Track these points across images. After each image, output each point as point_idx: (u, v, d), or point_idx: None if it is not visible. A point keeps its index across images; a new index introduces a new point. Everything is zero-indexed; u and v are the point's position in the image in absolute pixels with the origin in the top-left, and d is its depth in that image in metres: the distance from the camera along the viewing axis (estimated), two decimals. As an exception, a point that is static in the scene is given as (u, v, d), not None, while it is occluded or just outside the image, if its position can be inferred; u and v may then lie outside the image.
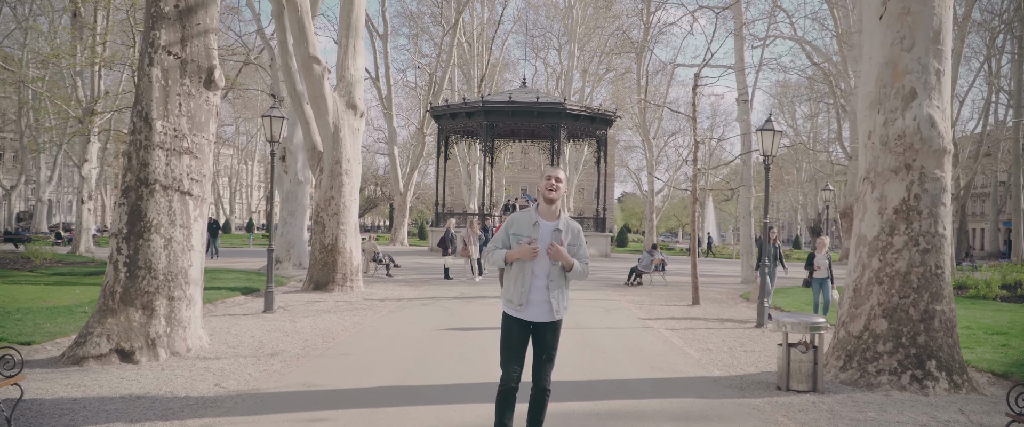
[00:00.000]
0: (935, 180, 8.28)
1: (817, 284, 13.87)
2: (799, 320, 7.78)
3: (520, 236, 5.20)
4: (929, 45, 8.35)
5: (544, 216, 5.27)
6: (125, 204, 8.79)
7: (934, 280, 8.17)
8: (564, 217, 5.33)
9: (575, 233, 5.32)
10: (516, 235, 5.22)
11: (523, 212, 5.31)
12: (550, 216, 5.28)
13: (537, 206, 5.32)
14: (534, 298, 5.18)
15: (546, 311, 5.21)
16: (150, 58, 8.96)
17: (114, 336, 8.33)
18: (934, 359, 7.94)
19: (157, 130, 8.85)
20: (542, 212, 5.28)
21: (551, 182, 5.22)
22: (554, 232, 5.21)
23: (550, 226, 5.23)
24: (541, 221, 5.23)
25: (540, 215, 5.26)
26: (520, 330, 5.24)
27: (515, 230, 5.24)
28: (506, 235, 5.28)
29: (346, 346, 9.94)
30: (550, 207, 5.26)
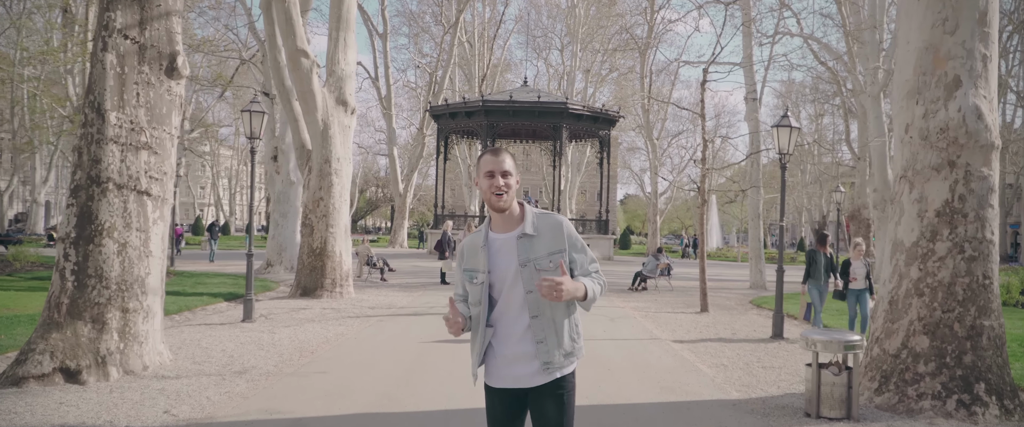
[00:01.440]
0: (982, 179, 7.35)
1: (853, 296, 12.09)
2: (831, 338, 6.84)
3: (473, 272, 3.49)
4: (975, 27, 7.43)
5: (497, 228, 3.50)
6: (74, 205, 7.87)
7: (982, 292, 7.23)
8: (532, 214, 3.51)
9: (554, 230, 3.47)
10: (469, 271, 3.52)
11: (475, 234, 3.58)
12: (507, 225, 3.48)
13: (489, 220, 3.56)
14: (510, 351, 3.42)
15: (535, 369, 3.39)
16: (104, 42, 8.06)
17: (58, 353, 7.42)
18: (983, 381, 7.00)
19: (111, 122, 7.94)
20: (494, 224, 3.52)
21: (495, 182, 3.41)
22: (521, 239, 3.42)
23: (508, 238, 3.45)
24: (492, 236, 3.49)
25: (491, 229, 3.52)
26: (502, 405, 3.49)
27: (467, 265, 3.54)
28: (460, 271, 3.61)
29: (324, 362, 9.01)
30: (502, 216, 3.48)
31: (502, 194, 3.39)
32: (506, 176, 3.40)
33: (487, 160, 3.42)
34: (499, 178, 3.38)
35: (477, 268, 3.45)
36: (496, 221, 3.49)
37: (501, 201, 3.39)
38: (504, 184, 3.39)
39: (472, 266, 3.49)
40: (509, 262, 3.41)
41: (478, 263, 3.45)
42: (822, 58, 37.58)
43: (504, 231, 3.46)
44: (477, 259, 3.46)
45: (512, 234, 3.44)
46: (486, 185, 3.40)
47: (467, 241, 3.58)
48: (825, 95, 49.88)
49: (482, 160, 3.41)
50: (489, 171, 3.40)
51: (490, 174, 3.40)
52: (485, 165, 3.41)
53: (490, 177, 3.39)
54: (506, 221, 3.46)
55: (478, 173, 3.45)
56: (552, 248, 3.41)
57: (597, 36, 49.92)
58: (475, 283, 3.44)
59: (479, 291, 3.42)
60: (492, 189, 3.39)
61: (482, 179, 3.42)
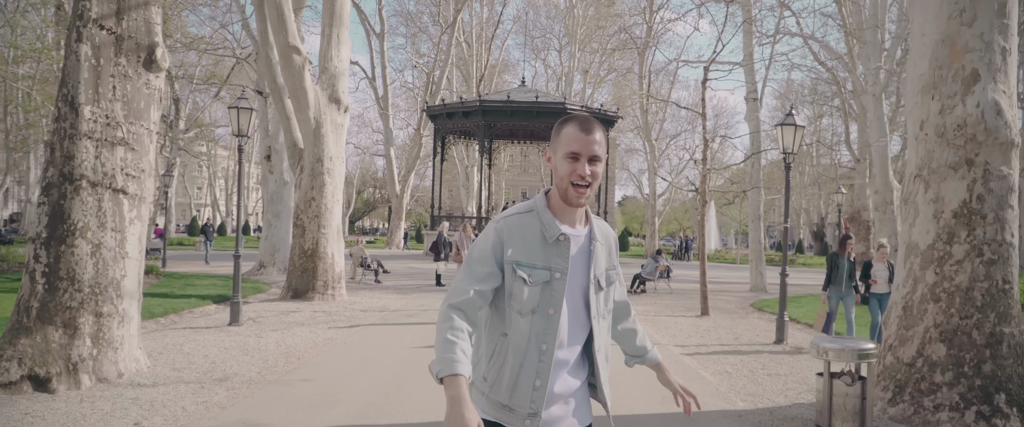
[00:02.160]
0: (1001, 178, 6.97)
1: (875, 301, 11.39)
2: (844, 346, 6.45)
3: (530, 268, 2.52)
4: (993, 19, 7.05)
5: (564, 219, 2.60)
6: (46, 203, 7.48)
7: (1001, 297, 6.86)
8: (593, 216, 2.73)
9: (611, 241, 2.78)
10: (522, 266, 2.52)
11: (524, 215, 2.59)
12: (571, 218, 2.62)
13: (548, 200, 2.62)
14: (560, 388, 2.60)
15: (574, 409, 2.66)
16: (78, 32, 7.67)
17: (27, 360, 7.02)
18: (1003, 392, 6.62)
19: (85, 117, 7.54)
20: (559, 212, 2.60)
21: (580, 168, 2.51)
22: (595, 243, 2.65)
23: (578, 237, 2.63)
24: (566, 231, 2.58)
25: (557, 217, 2.59)
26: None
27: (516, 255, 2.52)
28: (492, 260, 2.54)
29: (310, 369, 8.62)
30: (574, 210, 2.61)
31: (585, 187, 2.50)
32: (594, 162, 2.50)
33: (573, 135, 2.49)
34: (585, 164, 2.48)
35: (533, 263, 2.52)
36: (564, 212, 2.59)
37: (582, 197, 2.51)
38: (591, 173, 2.50)
39: (529, 260, 2.52)
40: (580, 269, 2.60)
41: (545, 258, 2.53)
42: (822, 58, 37.28)
43: (571, 226, 2.61)
44: (540, 253, 2.53)
45: (582, 232, 2.63)
46: (566, 170, 2.48)
47: (514, 222, 2.57)
48: (824, 96, 49.58)
49: (565, 132, 2.50)
50: (573, 152, 2.48)
51: (574, 156, 2.48)
52: (570, 142, 2.48)
53: (573, 160, 2.49)
54: (573, 215, 2.62)
55: (556, 148, 2.53)
56: (610, 262, 2.73)
57: (595, 36, 49.61)
58: (531, 283, 2.51)
59: (544, 294, 2.51)
60: (573, 177, 2.49)
61: (561, 160, 2.50)
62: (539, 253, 2.53)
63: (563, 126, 2.53)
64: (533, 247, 2.53)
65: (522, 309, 2.52)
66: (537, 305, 2.52)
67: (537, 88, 46.12)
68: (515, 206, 2.66)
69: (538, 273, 2.52)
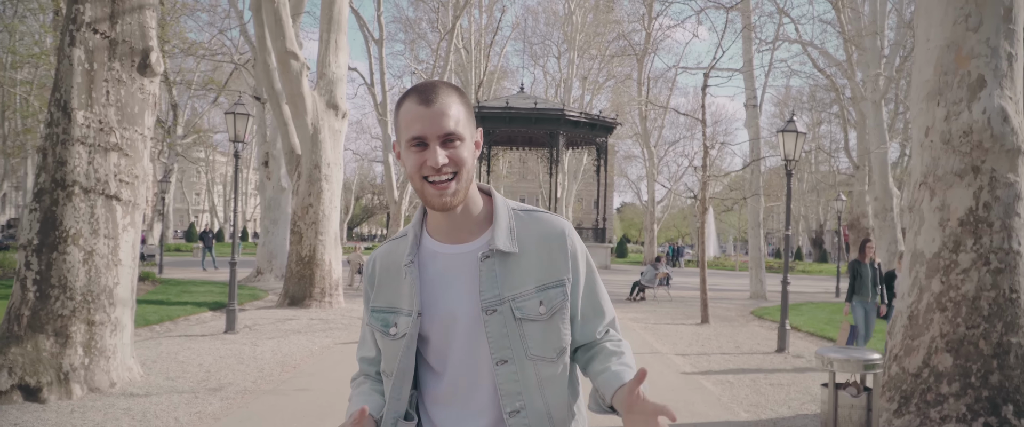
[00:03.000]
0: (1008, 185, 6.87)
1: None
2: (849, 357, 6.35)
3: (389, 315, 1.86)
4: (1000, 24, 6.95)
5: (439, 233, 1.87)
6: (37, 210, 7.36)
7: (1009, 306, 6.74)
8: (506, 213, 1.86)
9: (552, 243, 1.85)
10: (380, 314, 1.88)
11: (397, 241, 1.93)
12: (458, 229, 1.85)
13: (422, 217, 1.93)
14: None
15: None
16: (71, 37, 7.57)
17: (17, 369, 6.90)
18: (1011, 403, 6.50)
19: (78, 122, 7.43)
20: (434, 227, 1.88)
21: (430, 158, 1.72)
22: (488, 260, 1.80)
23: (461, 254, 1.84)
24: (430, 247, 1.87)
25: (430, 233, 1.89)
26: None
27: (378, 302, 1.90)
28: (368, 312, 1.93)
29: (306, 378, 8.50)
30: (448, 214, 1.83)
31: (445, 181, 1.74)
32: (450, 143, 1.73)
33: (412, 114, 1.73)
34: (437, 151, 1.71)
35: (397, 307, 1.85)
36: (438, 222, 1.85)
37: (444, 197, 1.74)
38: (449, 161, 1.73)
39: (388, 303, 1.87)
40: (461, 299, 1.80)
41: (399, 298, 1.85)
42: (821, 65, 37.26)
43: (453, 240, 1.85)
44: (397, 290, 1.86)
45: (470, 247, 1.83)
46: (413, 163, 1.74)
47: (381, 252, 1.94)
48: (823, 103, 49.55)
49: (402, 112, 1.75)
50: (416, 136, 1.72)
51: (419, 142, 1.73)
52: (410, 123, 1.73)
53: (419, 148, 1.74)
54: (458, 222, 1.84)
55: (398, 138, 1.78)
56: (545, 277, 1.82)
57: (594, 43, 49.60)
58: (392, 336, 1.84)
59: (399, 350, 1.82)
60: (423, 171, 1.74)
61: (405, 151, 1.77)
62: (402, 290, 1.84)
63: (400, 104, 1.76)
64: (398, 284, 1.85)
65: (387, 370, 1.88)
66: (394, 366, 1.83)
67: (536, 95, 46.10)
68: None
69: (403, 320, 1.82)
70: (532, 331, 1.79)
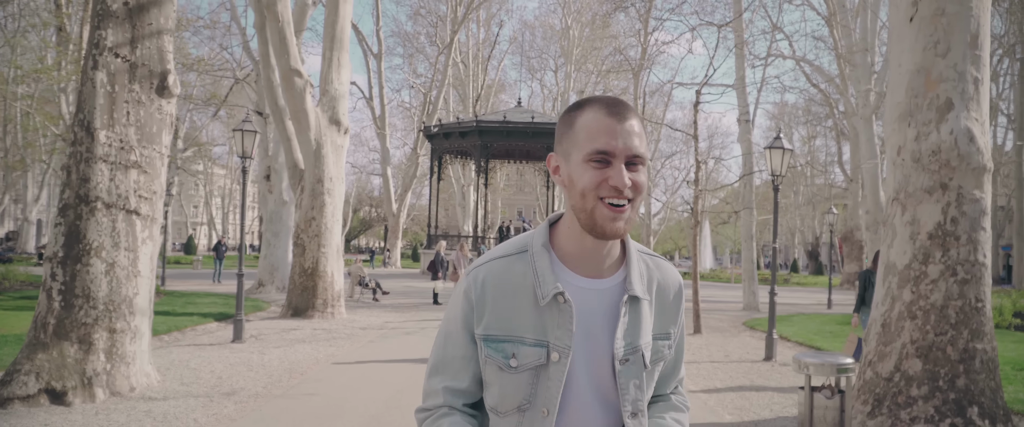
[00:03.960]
0: (974, 201, 7.34)
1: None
2: (824, 361, 6.80)
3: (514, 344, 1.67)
4: (966, 50, 7.44)
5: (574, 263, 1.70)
6: (62, 224, 7.81)
7: (974, 315, 7.21)
8: (636, 255, 1.76)
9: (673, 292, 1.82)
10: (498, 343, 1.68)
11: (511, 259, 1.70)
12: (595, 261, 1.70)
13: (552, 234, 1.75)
14: None
15: None
16: (94, 61, 8.02)
17: (44, 374, 7.33)
18: (976, 405, 6.96)
19: (100, 141, 7.89)
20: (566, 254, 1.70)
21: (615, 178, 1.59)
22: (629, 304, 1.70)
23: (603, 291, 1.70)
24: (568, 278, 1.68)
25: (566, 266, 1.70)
26: None
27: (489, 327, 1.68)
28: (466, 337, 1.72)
29: (314, 383, 8.93)
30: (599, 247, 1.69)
31: (623, 206, 1.62)
32: (634, 166, 1.63)
33: (599, 125, 1.61)
34: (622, 170, 1.60)
35: (517, 336, 1.67)
36: (575, 250, 1.70)
37: (617, 222, 1.62)
38: (633, 185, 1.62)
39: (506, 331, 1.68)
40: (601, 339, 1.68)
41: (519, 326, 1.67)
42: (814, 80, 37.84)
43: (592, 274, 1.71)
44: (517, 317, 1.68)
45: (608, 284, 1.71)
46: (591, 180, 1.61)
47: (493, 271, 1.71)
48: (817, 117, 50.22)
49: (583, 121, 1.63)
50: (601, 150, 1.60)
51: (602, 157, 1.61)
52: (595, 135, 1.61)
53: (601, 164, 1.61)
54: (602, 255, 1.70)
55: (569, 150, 1.66)
56: (660, 328, 1.78)
57: (591, 57, 50.19)
58: (513, 369, 1.67)
59: (534, 384, 1.67)
60: (603, 190, 1.61)
61: (582, 167, 1.62)
62: (528, 320, 1.66)
63: (579, 113, 1.64)
64: (519, 310, 1.67)
65: (499, 407, 1.71)
66: (526, 400, 1.67)
67: (533, 108, 46.66)
68: (502, 245, 1.78)
69: (527, 352, 1.66)
70: (646, 382, 1.74)
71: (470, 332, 1.70)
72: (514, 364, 1.66)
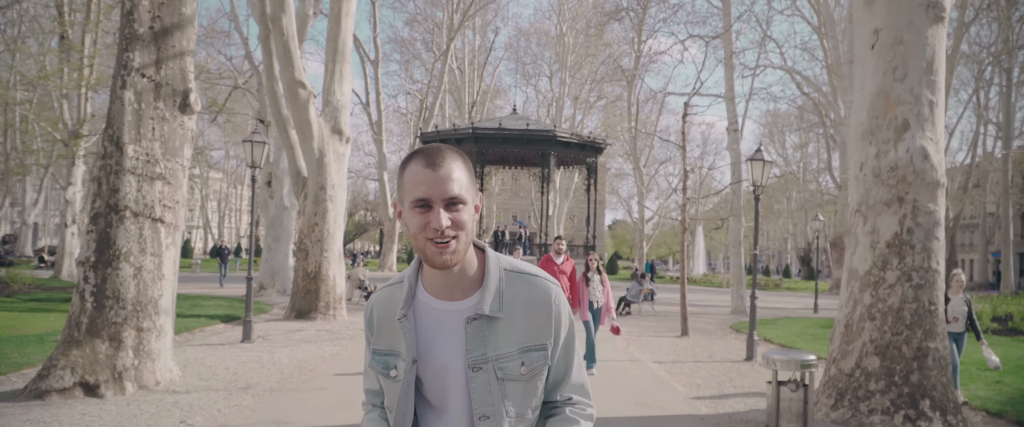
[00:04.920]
0: (928, 213, 8.06)
1: (951, 340, 9.17)
2: (789, 357, 7.51)
3: (388, 357, 2.03)
4: (922, 75, 8.17)
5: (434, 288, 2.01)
6: (94, 231, 8.50)
7: (928, 316, 7.92)
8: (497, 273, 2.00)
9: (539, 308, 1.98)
10: (380, 356, 2.05)
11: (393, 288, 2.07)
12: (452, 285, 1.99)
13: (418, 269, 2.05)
14: None
15: None
16: (123, 80, 8.71)
17: (78, 369, 8.01)
18: (928, 398, 7.67)
19: (128, 155, 8.58)
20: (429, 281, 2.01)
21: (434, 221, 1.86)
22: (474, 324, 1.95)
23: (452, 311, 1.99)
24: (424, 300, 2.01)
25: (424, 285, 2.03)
26: None
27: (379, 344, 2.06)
28: (370, 351, 2.09)
29: (323, 379, 9.62)
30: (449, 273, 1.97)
31: (447, 243, 1.87)
32: (454, 207, 1.87)
33: (418, 176, 1.87)
34: (440, 213, 1.86)
35: (396, 351, 2.01)
36: (433, 278, 1.99)
37: (444, 256, 1.88)
38: (452, 224, 1.87)
39: (388, 347, 2.03)
40: (450, 353, 1.96)
41: (397, 343, 2.00)
42: (805, 90, 38.66)
43: (447, 296, 1.99)
44: (395, 336, 2.01)
45: (460, 306, 1.97)
46: (416, 224, 1.88)
47: (378, 300, 2.09)
48: (809, 124, 51.00)
49: (408, 173, 1.89)
50: (420, 198, 1.87)
51: (423, 204, 1.87)
52: (416, 185, 1.87)
53: (423, 210, 1.88)
54: (452, 281, 1.98)
55: (401, 197, 1.92)
56: (529, 341, 1.96)
57: (585, 64, 50.89)
58: (393, 378, 2.00)
59: (397, 392, 1.99)
60: (427, 232, 1.87)
61: (410, 213, 1.89)
62: (398, 336, 2.00)
63: (407, 165, 1.90)
64: (394, 330, 2.00)
65: (389, 407, 2.04)
66: (395, 405, 1.99)
67: (528, 115, 47.36)
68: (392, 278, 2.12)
69: (396, 362, 1.99)
70: (513, 390, 1.94)
71: (371, 348, 2.07)
72: (394, 374, 1.99)
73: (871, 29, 8.41)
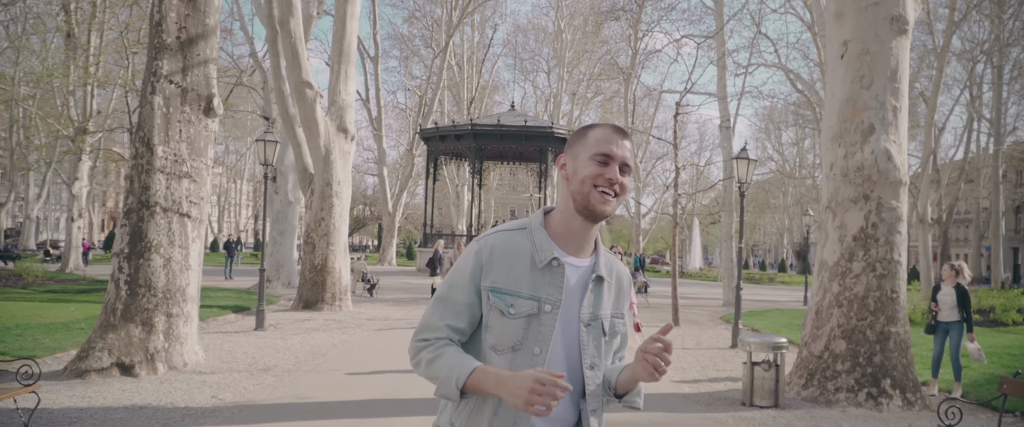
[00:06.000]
0: (891, 210, 8.83)
1: (941, 331, 9.56)
2: (762, 340, 8.29)
3: (512, 296, 2.14)
4: (887, 83, 8.92)
5: (565, 243, 2.21)
6: (127, 225, 9.25)
7: (890, 304, 8.69)
8: (603, 248, 2.29)
9: (624, 281, 2.36)
10: (502, 294, 2.14)
11: (513, 233, 2.21)
12: (578, 245, 2.22)
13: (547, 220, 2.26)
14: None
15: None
16: (152, 86, 9.45)
17: (115, 350, 8.77)
18: (889, 378, 8.45)
19: (158, 155, 9.33)
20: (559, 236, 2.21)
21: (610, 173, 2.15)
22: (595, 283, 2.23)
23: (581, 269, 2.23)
24: (565, 259, 2.19)
25: (555, 243, 2.20)
26: None
27: (495, 282, 2.15)
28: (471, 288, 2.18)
29: (336, 362, 10.38)
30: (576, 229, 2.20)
31: (613, 196, 2.15)
32: (625, 172, 2.17)
33: (606, 136, 2.17)
34: (616, 169, 2.15)
35: (518, 291, 2.14)
36: (565, 232, 2.20)
37: (606, 205, 2.14)
38: (621, 183, 2.16)
39: (509, 286, 2.15)
40: (574, 305, 2.18)
41: (521, 284, 2.15)
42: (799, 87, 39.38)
43: (575, 253, 2.22)
44: (520, 276, 2.15)
45: (586, 263, 2.23)
46: (592, 171, 2.13)
47: (497, 241, 2.19)
48: (805, 120, 51.72)
49: (595, 134, 2.18)
50: (604, 153, 2.15)
51: (604, 159, 2.15)
52: (602, 142, 2.16)
53: (603, 163, 2.15)
54: (587, 239, 2.23)
55: (578, 152, 2.19)
56: (617, 307, 2.31)
57: (583, 60, 51.56)
58: (511, 315, 2.13)
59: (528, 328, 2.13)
60: (599, 180, 2.13)
61: (586, 162, 2.15)
62: (526, 279, 2.13)
63: (590, 129, 2.20)
64: (519, 272, 2.14)
65: (498, 345, 2.14)
66: (519, 341, 2.12)
67: (526, 111, 48.09)
68: (505, 223, 2.30)
69: (522, 303, 2.12)
70: (607, 346, 2.27)
71: (476, 285, 2.16)
72: (512, 312, 2.12)
73: (841, 40, 9.17)
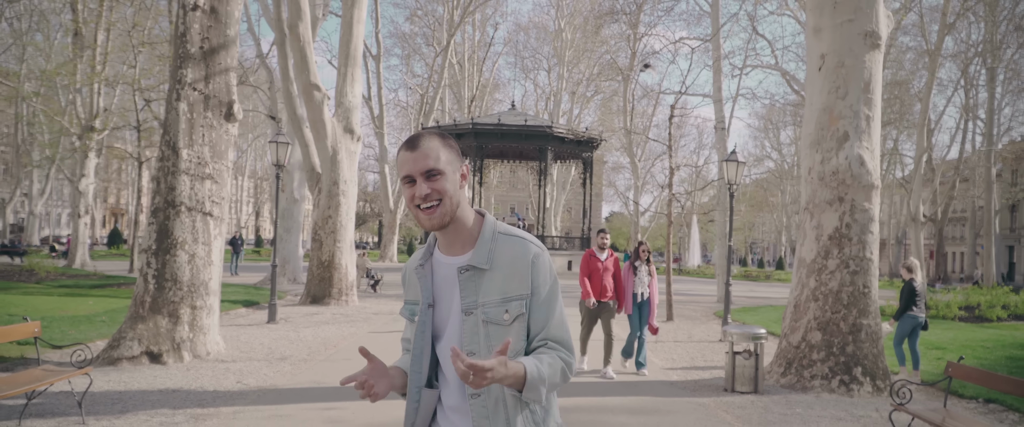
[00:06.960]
0: (864, 211, 9.51)
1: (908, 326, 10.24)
2: (743, 331, 8.98)
3: (415, 305, 2.43)
4: (861, 94, 9.60)
5: (444, 246, 2.38)
6: (154, 223, 9.93)
7: (862, 298, 9.38)
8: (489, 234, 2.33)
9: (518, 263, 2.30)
10: (409, 305, 2.47)
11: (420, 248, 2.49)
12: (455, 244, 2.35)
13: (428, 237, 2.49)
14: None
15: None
16: (177, 93, 10.13)
17: (144, 340, 9.46)
18: (860, 366, 9.14)
19: (183, 158, 10.01)
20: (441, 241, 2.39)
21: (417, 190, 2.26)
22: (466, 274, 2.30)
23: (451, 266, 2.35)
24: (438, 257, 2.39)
25: (438, 246, 2.41)
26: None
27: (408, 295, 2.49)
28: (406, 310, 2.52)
29: (348, 352, 11.07)
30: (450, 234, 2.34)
31: (432, 208, 2.25)
32: (433, 178, 2.24)
33: (401, 159, 2.27)
34: (421, 184, 2.24)
35: (418, 299, 2.39)
36: (441, 238, 2.37)
37: (432, 217, 2.26)
38: (432, 191, 2.24)
39: (414, 297, 2.42)
40: (452, 299, 2.34)
41: (418, 292, 2.39)
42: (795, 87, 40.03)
43: (450, 252, 2.36)
44: (416, 287, 2.41)
45: (457, 260, 2.33)
46: (407, 196, 2.29)
47: (411, 259, 2.47)
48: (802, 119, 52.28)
49: (398, 160, 2.29)
50: (406, 175, 2.27)
51: (407, 180, 2.27)
52: (401, 166, 2.28)
53: (409, 184, 2.27)
54: (451, 239, 2.35)
55: (399, 176, 2.30)
56: (510, 291, 2.27)
57: (583, 59, 52.17)
58: (414, 322, 2.41)
59: (417, 329, 2.36)
60: (415, 201, 2.26)
61: (403, 188, 2.31)
62: (416, 287, 2.40)
63: (398, 152, 2.30)
64: (415, 280, 2.41)
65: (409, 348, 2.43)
66: (414, 342, 2.36)
67: (526, 109, 48.72)
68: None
69: (414, 308, 2.40)
70: (495, 333, 2.25)
71: (405, 300, 2.49)
72: (416, 319, 2.38)
73: (818, 54, 9.85)
